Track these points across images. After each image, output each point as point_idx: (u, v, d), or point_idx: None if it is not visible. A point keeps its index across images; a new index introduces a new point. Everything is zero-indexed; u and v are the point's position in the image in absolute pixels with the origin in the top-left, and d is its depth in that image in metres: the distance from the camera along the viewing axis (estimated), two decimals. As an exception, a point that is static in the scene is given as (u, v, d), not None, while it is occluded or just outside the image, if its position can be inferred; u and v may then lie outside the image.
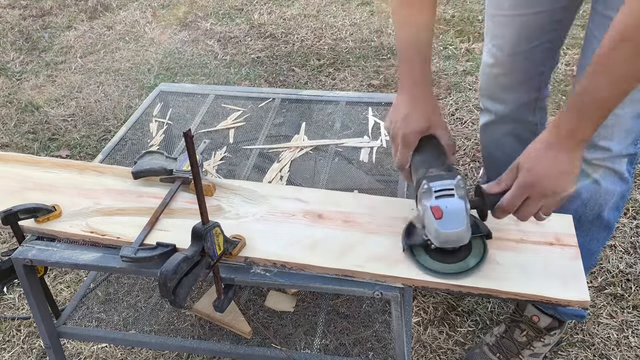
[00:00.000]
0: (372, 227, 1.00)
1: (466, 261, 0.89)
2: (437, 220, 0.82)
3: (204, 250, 0.84)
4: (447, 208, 0.82)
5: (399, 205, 1.05)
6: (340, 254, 0.94)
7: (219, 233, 0.86)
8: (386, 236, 0.97)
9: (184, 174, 1.09)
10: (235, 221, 1.02)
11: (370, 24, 2.98)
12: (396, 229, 0.98)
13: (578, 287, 0.87)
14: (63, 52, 2.89)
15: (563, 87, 2.41)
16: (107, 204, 1.07)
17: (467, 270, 0.88)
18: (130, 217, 1.03)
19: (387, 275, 0.90)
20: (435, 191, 0.83)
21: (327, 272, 0.92)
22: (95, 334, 1.22)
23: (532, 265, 0.91)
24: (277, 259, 0.93)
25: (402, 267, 0.91)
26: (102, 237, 0.99)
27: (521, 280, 0.89)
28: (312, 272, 0.93)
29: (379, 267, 0.91)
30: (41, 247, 1.01)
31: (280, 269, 0.94)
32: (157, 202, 1.06)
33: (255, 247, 0.96)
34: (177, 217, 1.03)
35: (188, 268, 0.82)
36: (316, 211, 1.03)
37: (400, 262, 0.92)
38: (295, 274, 0.94)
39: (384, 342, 1.37)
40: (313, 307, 1.43)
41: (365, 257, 0.93)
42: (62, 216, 1.03)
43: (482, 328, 1.49)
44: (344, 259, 0.93)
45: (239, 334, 1.29)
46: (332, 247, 0.95)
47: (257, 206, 1.06)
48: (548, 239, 0.96)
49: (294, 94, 1.56)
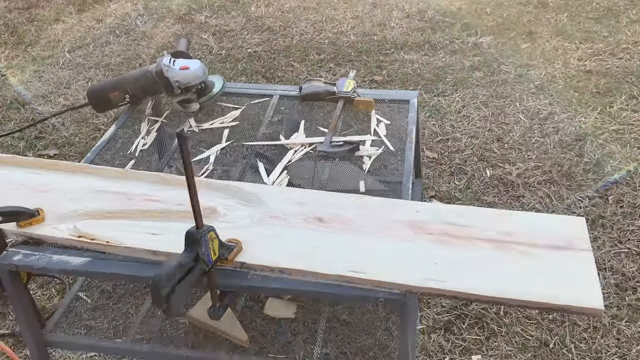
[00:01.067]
0: (374, 230, 0.96)
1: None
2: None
3: (199, 255, 0.81)
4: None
5: (403, 207, 1.01)
6: (341, 259, 0.90)
7: (214, 237, 0.83)
8: (389, 240, 0.93)
9: (345, 94, 1.37)
10: (231, 224, 0.97)
11: (372, 17, 2.92)
12: (400, 232, 0.94)
13: (591, 294, 0.82)
14: (50, 47, 2.81)
15: (575, 82, 2.35)
16: (95, 206, 1.02)
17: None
18: (119, 220, 0.99)
19: (390, 282, 0.86)
20: None
21: (328, 278, 0.88)
22: (84, 342, 1.18)
23: (543, 271, 0.86)
24: (275, 265, 0.90)
25: (407, 274, 0.87)
26: (90, 241, 0.95)
27: (530, 286, 0.84)
28: (313, 278, 0.89)
29: (381, 273, 0.87)
30: (27, 252, 0.97)
31: (279, 275, 0.90)
32: (147, 204, 1.01)
33: (252, 252, 0.92)
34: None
35: (182, 275, 0.78)
36: (316, 214, 0.99)
37: (405, 269, 0.88)
38: (294, 280, 0.90)
39: (387, 350, 1.32)
40: (312, 314, 1.38)
41: (367, 262, 0.89)
42: (48, 220, 0.99)
43: (490, 336, 1.43)
44: (345, 264, 0.89)
45: (235, 343, 1.24)
46: (332, 252, 0.92)
47: (255, 209, 1.01)
48: (559, 243, 0.91)
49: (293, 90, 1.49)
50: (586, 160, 1.98)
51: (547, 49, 2.64)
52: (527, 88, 2.38)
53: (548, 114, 2.23)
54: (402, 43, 2.73)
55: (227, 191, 1.06)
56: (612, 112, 2.21)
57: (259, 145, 1.35)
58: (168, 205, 1.02)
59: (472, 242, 0.92)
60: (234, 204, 1.02)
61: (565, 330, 1.44)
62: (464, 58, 2.56)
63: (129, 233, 0.95)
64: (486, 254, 0.90)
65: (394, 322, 1.39)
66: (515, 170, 1.96)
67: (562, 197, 1.84)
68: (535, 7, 3.01)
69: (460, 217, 0.97)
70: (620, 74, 2.43)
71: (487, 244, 0.91)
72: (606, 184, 1.87)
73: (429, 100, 2.33)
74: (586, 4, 3.01)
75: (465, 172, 1.97)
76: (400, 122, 1.38)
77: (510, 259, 0.89)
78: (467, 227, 0.95)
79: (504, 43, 2.69)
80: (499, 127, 2.18)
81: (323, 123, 1.42)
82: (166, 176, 1.12)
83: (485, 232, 0.93)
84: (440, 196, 1.87)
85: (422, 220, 0.97)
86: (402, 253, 0.90)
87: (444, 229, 0.95)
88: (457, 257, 0.89)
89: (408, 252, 0.90)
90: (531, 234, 0.93)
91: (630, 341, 1.41)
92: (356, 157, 1.31)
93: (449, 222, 0.96)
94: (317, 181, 1.22)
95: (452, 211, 0.99)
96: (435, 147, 2.10)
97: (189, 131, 1.42)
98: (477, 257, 0.89)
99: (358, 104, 1.40)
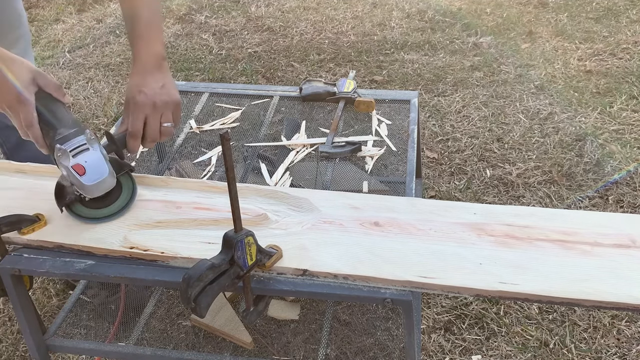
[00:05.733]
0: (434, 233, 0.93)
1: (120, 199, 1.00)
2: (82, 176, 0.90)
3: (233, 259, 0.80)
4: (87, 162, 0.91)
5: (457, 209, 0.99)
6: (406, 264, 0.88)
7: (252, 243, 0.82)
8: (453, 243, 0.91)
9: (346, 94, 1.36)
10: (284, 231, 0.95)
11: (372, 17, 2.91)
12: (463, 235, 0.92)
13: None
14: (50, 47, 2.81)
15: (575, 82, 2.35)
16: (145, 216, 0.99)
17: (123, 207, 0.99)
18: (171, 229, 0.97)
19: (461, 287, 0.84)
20: (71, 151, 0.90)
21: (395, 284, 0.86)
22: (86, 346, 1.16)
23: (611, 271, 0.85)
24: (339, 272, 0.88)
25: (476, 277, 0.85)
26: (144, 252, 0.93)
27: (602, 286, 0.82)
28: (377, 284, 0.87)
29: (450, 278, 0.85)
30: (30, 256, 0.96)
31: (342, 281, 0.88)
32: (197, 212, 1.01)
33: (313, 259, 0.90)
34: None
35: (214, 276, 0.78)
36: (372, 218, 0.97)
37: (472, 272, 0.86)
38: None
39: (387, 350, 1.32)
40: (312, 314, 1.38)
41: (433, 267, 0.87)
42: (95, 230, 0.97)
43: (490, 336, 1.44)
44: (412, 269, 0.87)
45: (239, 345, 1.24)
46: (395, 258, 0.89)
47: (306, 215, 0.99)
48: (623, 242, 0.89)
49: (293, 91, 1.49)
50: (586, 160, 1.99)
51: (547, 49, 2.64)
52: (527, 88, 2.38)
53: (548, 114, 2.23)
54: (402, 43, 2.73)
55: (276, 197, 1.04)
56: (612, 112, 2.21)
57: (261, 146, 1.35)
58: (219, 213, 1.00)
59: (535, 243, 0.91)
60: (284, 209, 1.00)
61: (565, 330, 1.44)
62: (464, 58, 2.56)
63: (184, 243, 0.93)
64: (551, 255, 0.89)
65: (394, 322, 1.39)
66: (515, 170, 1.97)
67: (562, 197, 1.84)
68: (535, 7, 3.01)
69: (517, 217, 0.96)
70: (620, 74, 2.43)
71: (550, 244, 0.90)
72: (606, 184, 1.87)
73: (429, 100, 2.33)
74: (586, 4, 3.02)
75: (465, 172, 1.97)
76: (401, 122, 1.38)
77: (576, 258, 0.87)
78: (527, 228, 0.94)
79: (504, 43, 2.69)
80: (499, 127, 2.18)
81: (324, 124, 1.42)
82: (210, 182, 1.09)
83: (546, 232, 0.93)
84: (440, 196, 1.87)
85: (482, 222, 0.95)
86: (469, 256, 0.89)
87: (504, 230, 0.93)
88: (523, 258, 0.88)
89: (474, 255, 0.89)
90: (593, 233, 0.91)
91: (630, 341, 1.42)
92: (358, 158, 1.31)
93: (508, 223, 0.95)
94: (320, 182, 1.22)
95: (507, 211, 0.98)
96: (435, 147, 2.10)
97: (190, 132, 1.42)
98: (543, 257, 0.88)
99: (359, 105, 1.40)
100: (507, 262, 0.88)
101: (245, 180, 1.24)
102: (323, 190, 1.13)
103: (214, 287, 0.78)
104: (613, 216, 0.97)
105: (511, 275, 0.85)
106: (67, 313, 1.20)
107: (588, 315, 1.47)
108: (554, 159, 2.01)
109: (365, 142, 1.33)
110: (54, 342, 1.11)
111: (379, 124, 1.40)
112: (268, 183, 1.23)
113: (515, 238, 0.92)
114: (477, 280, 0.85)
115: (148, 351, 1.11)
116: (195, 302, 0.76)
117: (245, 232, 0.81)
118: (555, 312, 1.48)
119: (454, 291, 0.85)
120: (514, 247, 0.91)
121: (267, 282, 0.90)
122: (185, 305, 0.77)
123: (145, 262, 0.94)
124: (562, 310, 1.48)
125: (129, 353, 1.14)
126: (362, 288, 0.88)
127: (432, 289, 0.86)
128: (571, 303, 0.83)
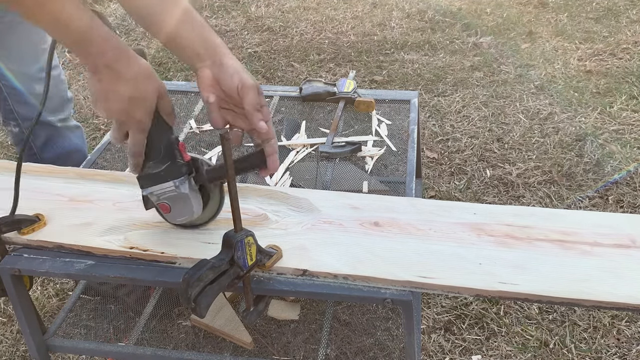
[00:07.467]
0: (433, 233, 0.93)
1: (207, 211, 0.93)
2: (167, 214, 0.89)
3: (233, 259, 0.80)
4: (173, 204, 0.87)
5: (457, 209, 0.99)
6: (406, 264, 0.88)
7: (252, 243, 0.82)
8: (453, 243, 0.91)
9: (346, 94, 1.37)
10: (284, 231, 0.96)
11: (372, 17, 2.92)
12: (462, 235, 0.92)
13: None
14: (53, 46, 2.81)
15: (575, 83, 2.35)
16: (144, 216, 0.98)
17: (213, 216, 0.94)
18: (170, 230, 0.96)
19: (461, 287, 0.84)
20: (158, 195, 0.86)
21: (395, 284, 0.86)
22: (87, 346, 1.16)
23: (611, 271, 0.85)
24: (338, 272, 0.88)
25: (476, 277, 0.85)
26: (143, 252, 0.93)
27: (602, 286, 0.82)
28: (377, 284, 0.87)
29: (450, 278, 0.85)
30: (29, 256, 0.96)
31: (342, 281, 0.88)
32: None
33: (312, 259, 0.90)
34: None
35: (214, 276, 0.78)
36: (372, 219, 0.97)
37: (472, 272, 0.86)
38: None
39: (387, 350, 1.32)
40: (312, 314, 1.38)
41: (433, 267, 0.87)
42: (96, 231, 0.96)
43: (490, 336, 1.44)
44: (412, 269, 0.87)
45: (239, 345, 1.24)
46: (395, 258, 0.89)
47: (306, 215, 0.99)
48: (623, 242, 0.89)
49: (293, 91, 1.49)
50: (586, 160, 1.99)
51: (547, 49, 2.65)
52: (527, 88, 2.38)
53: (548, 114, 2.23)
54: (402, 43, 2.73)
55: (276, 197, 1.03)
56: (612, 112, 2.21)
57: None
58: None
59: (535, 243, 0.91)
60: (284, 209, 1.00)
61: (565, 330, 1.44)
62: (464, 58, 2.56)
63: (184, 243, 0.93)
64: (551, 255, 0.89)
65: (394, 322, 1.39)
66: (515, 170, 1.97)
67: (562, 197, 1.84)
68: (535, 7, 3.02)
69: (517, 217, 0.96)
70: (620, 74, 2.43)
71: (550, 244, 0.90)
72: (606, 184, 1.87)
73: (429, 100, 2.33)
74: (586, 4, 3.02)
75: (465, 172, 1.97)
76: (401, 122, 1.38)
77: (576, 258, 0.87)
78: (527, 228, 0.94)
79: (504, 43, 2.69)
80: (499, 127, 2.18)
81: (324, 124, 1.42)
82: None
83: (546, 232, 0.93)
84: (440, 196, 1.87)
85: (481, 222, 0.95)
86: (468, 256, 0.88)
87: (504, 230, 0.93)
88: (523, 258, 0.88)
89: (474, 255, 0.89)
90: (593, 233, 0.91)
91: (630, 341, 1.42)
92: (358, 158, 1.31)
93: (508, 223, 0.95)
94: (320, 182, 1.22)
95: (507, 211, 0.98)
96: (435, 147, 2.10)
97: (190, 132, 1.42)
98: (543, 257, 0.88)
99: (359, 105, 1.40)
100: (507, 262, 0.88)
101: (245, 180, 1.24)
102: (323, 190, 1.13)
103: (214, 287, 0.78)
104: (613, 216, 0.97)
105: (511, 275, 0.85)
106: (67, 313, 1.20)
107: (588, 315, 1.47)
108: (554, 159, 2.01)
109: (365, 142, 1.33)
110: (54, 342, 1.11)
111: (379, 124, 1.40)
112: (268, 183, 1.23)
113: (515, 238, 0.92)
114: (477, 280, 0.85)
115: (148, 351, 1.11)
116: (195, 302, 0.76)
117: (245, 232, 0.81)
118: (555, 312, 1.48)
119: (453, 291, 0.85)
120: (514, 247, 0.91)
121: (267, 282, 0.90)
122: (185, 306, 0.77)
123: (145, 262, 0.94)
124: (562, 310, 1.48)
125: (129, 353, 1.14)
126: (362, 288, 0.88)
127: (432, 289, 0.85)
128: (571, 303, 0.83)
